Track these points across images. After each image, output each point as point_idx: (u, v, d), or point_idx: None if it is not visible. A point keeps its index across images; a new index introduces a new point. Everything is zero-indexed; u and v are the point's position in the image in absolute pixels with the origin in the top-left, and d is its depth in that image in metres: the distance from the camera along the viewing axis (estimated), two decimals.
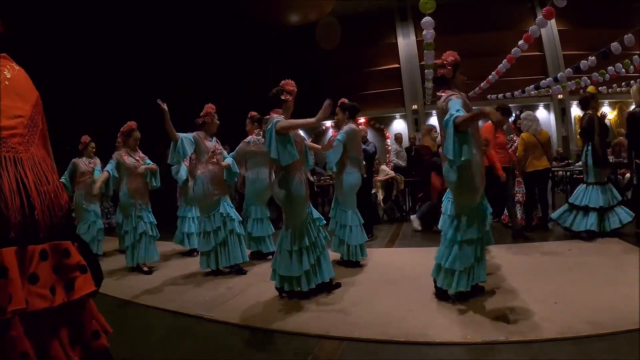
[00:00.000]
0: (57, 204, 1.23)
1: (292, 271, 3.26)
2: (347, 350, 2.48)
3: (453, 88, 3.05)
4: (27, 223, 1.15)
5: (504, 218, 6.06)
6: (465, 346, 2.40)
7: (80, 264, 1.24)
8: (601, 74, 9.97)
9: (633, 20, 9.95)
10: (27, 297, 1.11)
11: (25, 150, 1.21)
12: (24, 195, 1.15)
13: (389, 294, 3.37)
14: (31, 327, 1.13)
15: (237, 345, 2.72)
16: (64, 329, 1.19)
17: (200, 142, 4.20)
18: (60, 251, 1.21)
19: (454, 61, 3.05)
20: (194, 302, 3.51)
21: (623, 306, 2.67)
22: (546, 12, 6.29)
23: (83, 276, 1.23)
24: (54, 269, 1.18)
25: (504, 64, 8.87)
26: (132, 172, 4.63)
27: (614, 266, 3.64)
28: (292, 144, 3.17)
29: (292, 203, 3.30)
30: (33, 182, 1.18)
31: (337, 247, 4.38)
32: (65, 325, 1.20)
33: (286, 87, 3.39)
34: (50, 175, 1.24)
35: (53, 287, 1.16)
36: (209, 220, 4.17)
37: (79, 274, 1.22)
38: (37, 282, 1.14)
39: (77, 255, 1.24)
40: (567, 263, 3.89)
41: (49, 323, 1.17)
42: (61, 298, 1.17)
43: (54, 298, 1.15)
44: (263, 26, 11.96)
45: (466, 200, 2.95)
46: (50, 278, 1.16)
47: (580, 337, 2.35)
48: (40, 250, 1.16)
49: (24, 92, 1.28)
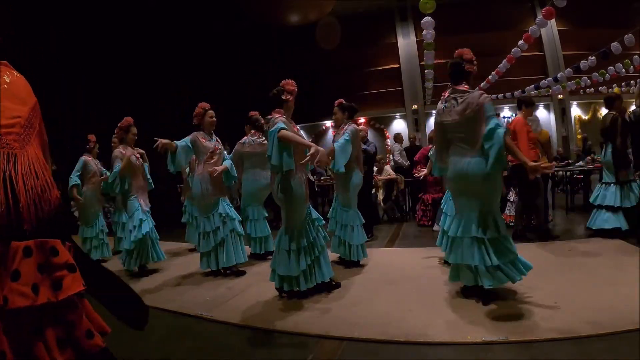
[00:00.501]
0: (45, 199, 1.22)
1: (291, 271, 3.27)
2: (347, 350, 2.48)
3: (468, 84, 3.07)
4: (10, 217, 1.14)
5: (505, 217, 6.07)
6: (465, 346, 2.40)
7: (69, 263, 1.22)
8: (601, 74, 9.97)
9: (633, 20, 9.95)
10: (7, 294, 1.09)
11: (21, 147, 1.22)
12: (9, 189, 1.14)
13: (389, 294, 3.36)
14: (11, 326, 1.11)
15: (237, 345, 2.72)
16: (50, 329, 1.17)
17: (198, 143, 4.15)
18: (47, 249, 1.19)
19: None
20: (194, 302, 3.51)
21: (623, 306, 2.67)
22: (546, 12, 6.29)
23: (71, 275, 1.21)
24: (39, 267, 1.16)
25: (504, 64, 8.88)
26: (135, 170, 4.52)
27: (614, 266, 3.64)
28: (291, 154, 3.17)
29: (291, 203, 3.29)
30: (22, 175, 1.18)
31: (337, 247, 4.37)
32: (52, 325, 1.18)
33: (287, 87, 3.39)
34: (40, 172, 1.24)
35: (36, 286, 1.14)
36: (208, 221, 4.16)
37: (67, 273, 1.20)
38: (18, 279, 1.12)
39: (65, 254, 1.22)
40: (567, 263, 3.90)
41: (32, 322, 1.15)
42: (45, 297, 1.15)
43: (37, 297, 1.13)
44: (263, 26, 11.96)
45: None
46: (34, 276, 1.14)
47: (580, 337, 2.34)
48: (24, 247, 1.14)
49: (22, 96, 1.31)
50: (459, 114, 2.95)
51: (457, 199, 3.12)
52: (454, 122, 2.99)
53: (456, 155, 3.02)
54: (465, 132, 2.95)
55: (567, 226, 5.79)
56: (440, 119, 3.11)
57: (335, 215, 4.44)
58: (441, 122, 3.11)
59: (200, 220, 4.29)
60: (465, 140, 2.96)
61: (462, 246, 3.00)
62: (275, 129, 3.10)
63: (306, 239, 3.33)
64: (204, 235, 4.17)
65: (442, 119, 3.09)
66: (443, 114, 3.07)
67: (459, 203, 3.10)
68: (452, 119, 3.00)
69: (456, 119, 2.97)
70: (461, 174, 2.98)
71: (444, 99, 3.11)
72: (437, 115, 3.17)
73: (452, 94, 3.03)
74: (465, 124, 2.93)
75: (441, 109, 3.10)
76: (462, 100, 2.94)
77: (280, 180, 3.28)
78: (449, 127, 3.04)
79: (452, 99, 3.01)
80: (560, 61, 13.09)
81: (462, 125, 2.95)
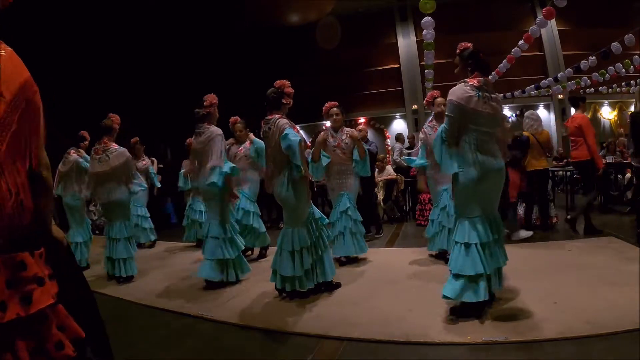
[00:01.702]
0: (16, 215, 1.15)
1: (294, 271, 3.27)
2: (347, 350, 2.48)
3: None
4: None
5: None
6: (465, 346, 2.40)
7: (38, 277, 1.18)
8: (601, 74, 9.96)
9: (633, 20, 9.94)
10: None
11: None
12: None
13: (389, 294, 3.37)
14: None
15: (237, 345, 2.72)
16: (21, 343, 1.15)
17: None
18: (15, 264, 1.15)
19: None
20: (194, 302, 3.51)
21: (623, 306, 2.67)
22: (546, 12, 6.29)
23: (40, 289, 1.17)
24: (7, 283, 1.13)
25: (504, 64, 8.87)
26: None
27: (614, 266, 3.64)
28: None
29: (294, 203, 3.30)
30: None
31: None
32: (23, 339, 1.16)
33: (286, 90, 3.42)
34: (7, 184, 1.14)
35: (3, 303, 1.10)
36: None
37: (36, 287, 1.17)
38: None
39: (34, 267, 1.18)
40: (567, 263, 3.89)
41: (1, 338, 1.12)
42: (14, 312, 1.12)
43: (4, 314, 1.10)
44: (263, 26, 11.96)
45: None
46: (2, 293, 1.11)
47: (580, 337, 2.34)
48: None
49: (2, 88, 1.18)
50: (494, 109, 2.79)
51: (490, 199, 2.86)
52: (489, 115, 2.76)
53: (485, 153, 2.76)
54: (495, 128, 2.84)
55: (567, 226, 5.79)
56: (472, 106, 2.72)
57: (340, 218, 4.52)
58: (474, 109, 2.72)
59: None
60: (492, 136, 2.81)
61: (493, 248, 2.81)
62: (295, 141, 3.12)
63: (309, 238, 3.34)
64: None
65: (476, 107, 2.72)
66: (477, 102, 2.72)
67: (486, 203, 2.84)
68: (488, 112, 2.75)
69: (491, 113, 2.77)
70: (499, 172, 2.82)
71: (474, 87, 2.76)
72: (465, 100, 2.72)
73: (484, 85, 2.80)
74: (497, 120, 2.85)
75: (473, 95, 2.72)
76: (494, 97, 2.83)
77: (283, 179, 3.30)
78: (482, 119, 2.75)
79: (485, 90, 2.79)
80: (560, 61, 13.08)
81: (495, 120, 2.82)
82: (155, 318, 3.30)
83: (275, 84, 3.45)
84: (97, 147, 4.38)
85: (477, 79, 2.80)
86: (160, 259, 5.44)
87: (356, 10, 13.68)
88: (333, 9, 12.13)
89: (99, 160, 4.30)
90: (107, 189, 4.31)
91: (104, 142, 4.35)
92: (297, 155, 3.14)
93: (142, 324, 3.20)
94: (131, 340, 2.81)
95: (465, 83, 2.79)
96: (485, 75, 2.90)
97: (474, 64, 2.87)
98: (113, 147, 4.33)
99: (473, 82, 2.78)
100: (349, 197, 4.48)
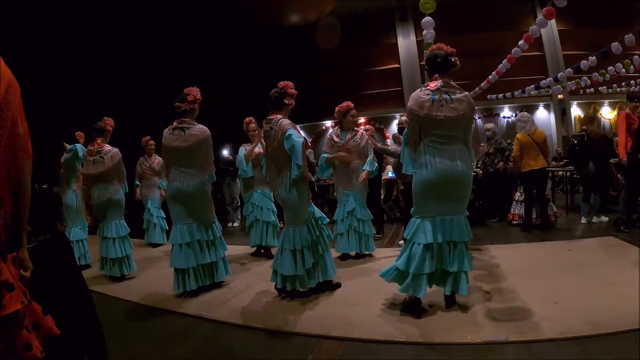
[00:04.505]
0: None
1: (295, 270, 3.28)
2: (347, 350, 2.48)
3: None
4: None
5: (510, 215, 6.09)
6: (465, 346, 2.40)
7: (8, 283, 1.20)
8: (601, 74, 9.95)
9: (633, 20, 9.94)
10: None
11: None
12: None
13: (389, 294, 3.36)
14: None
15: (237, 345, 2.72)
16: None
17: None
18: None
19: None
20: (194, 302, 3.51)
21: (623, 306, 2.67)
22: (546, 12, 6.28)
23: (9, 294, 1.20)
24: None
25: (504, 64, 8.86)
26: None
27: (614, 266, 3.64)
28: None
29: (294, 202, 3.31)
30: None
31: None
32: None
33: (289, 91, 3.43)
34: None
35: None
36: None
37: (5, 293, 1.19)
38: None
39: (5, 273, 1.20)
40: (567, 263, 3.89)
41: None
42: None
43: None
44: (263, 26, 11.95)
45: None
46: None
47: (580, 337, 2.35)
48: None
49: None
50: (453, 111, 2.74)
51: (445, 202, 2.83)
52: (447, 118, 2.74)
53: (443, 156, 2.77)
54: (457, 130, 2.80)
55: (567, 226, 5.79)
56: (425, 111, 2.76)
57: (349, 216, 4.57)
58: (427, 114, 2.75)
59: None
60: (456, 139, 2.80)
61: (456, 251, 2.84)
62: (299, 142, 3.14)
63: (310, 237, 3.35)
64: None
65: (430, 112, 2.75)
66: (431, 107, 2.75)
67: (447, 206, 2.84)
68: (445, 115, 2.74)
69: (449, 116, 2.75)
70: (457, 177, 2.78)
71: (430, 90, 2.80)
72: (418, 106, 2.78)
73: (443, 87, 2.80)
74: (458, 122, 2.78)
75: (426, 100, 2.76)
76: (456, 98, 2.78)
77: (284, 179, 3.31)
78: (437, 123, 2.76)
79: (444, 92, 2.78)
80: (560, 61, 13.07)
81: (456, 123, 2.77)
82: (155, 318, 3.30)
83: (279, 84, 3.46)
84: (90, 149, 4.40)
85: (436, 82, 2.85)
86: (161, 259, 5.44)
87: (356, 10, 13.67)
88: (333, 9, 12.12)
89: (94, 161, 4.32)
90: (101, 189, 4.34)
91: (97, 143, 4.37)
92: (299, 156, 3.14)
93: (142, 324, 3.20)
94: (131, 340, 2.81)
95: (422, 87, 2.89)
96: (444, 74, 2.87)
97: (433, 67, 2.93)
98: (106, 148, 4.37)
99: (430, 86, 2.85)
100: (355, 197, 4.51)
